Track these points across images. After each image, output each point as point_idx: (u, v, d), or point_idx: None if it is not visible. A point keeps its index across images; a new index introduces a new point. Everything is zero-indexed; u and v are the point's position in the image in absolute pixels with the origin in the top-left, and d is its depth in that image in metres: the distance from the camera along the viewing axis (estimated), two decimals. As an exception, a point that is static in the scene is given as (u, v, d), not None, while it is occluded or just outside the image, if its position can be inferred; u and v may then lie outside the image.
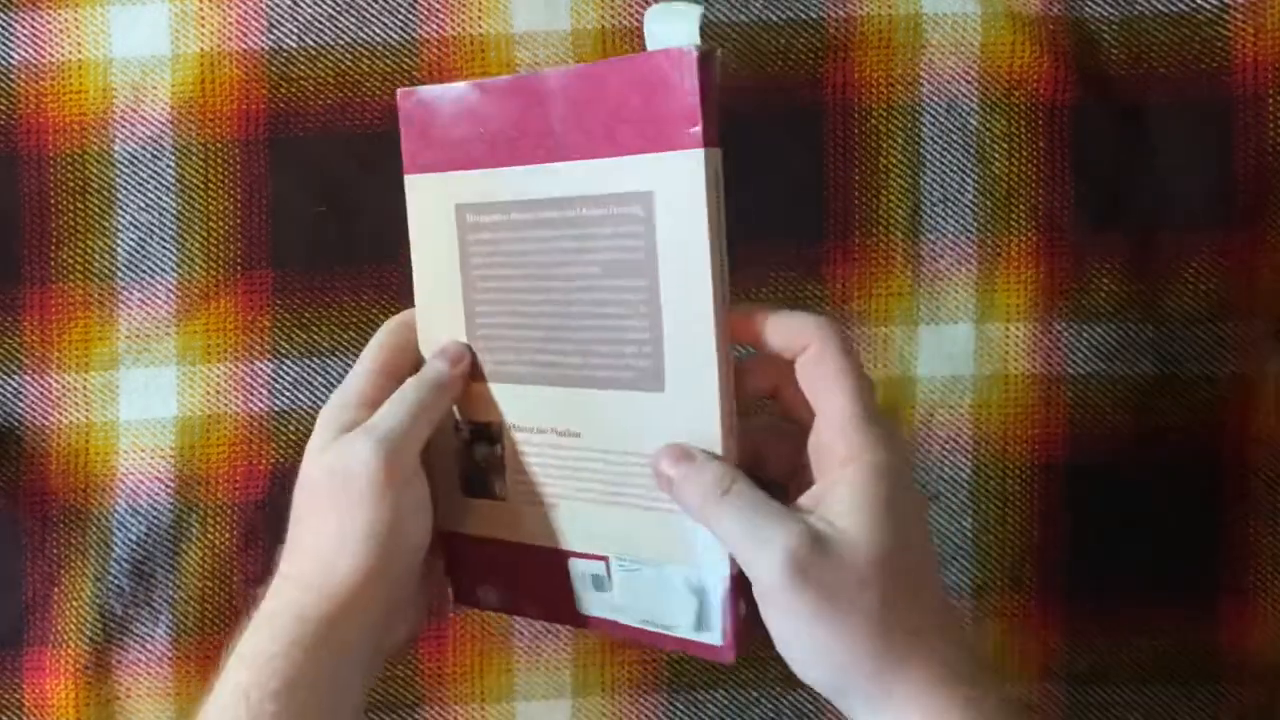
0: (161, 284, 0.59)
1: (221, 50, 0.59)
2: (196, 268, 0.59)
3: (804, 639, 0.38)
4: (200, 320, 0.59)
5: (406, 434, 0.43)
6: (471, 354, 0.46)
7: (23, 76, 0.59)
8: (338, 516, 0.42)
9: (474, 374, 0.46)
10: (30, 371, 0.59)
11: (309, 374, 0.59)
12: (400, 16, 0.59)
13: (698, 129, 0.39)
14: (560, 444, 0.44)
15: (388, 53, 0.59)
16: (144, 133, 0.59)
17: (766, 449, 0.42)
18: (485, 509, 0.47)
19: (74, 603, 0.59)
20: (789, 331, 0.40)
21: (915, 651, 0.38)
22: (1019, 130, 0.58)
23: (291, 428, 0.59)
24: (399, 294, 0.59)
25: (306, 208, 0.59)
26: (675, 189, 0.40)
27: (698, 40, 0.40)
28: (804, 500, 0.39)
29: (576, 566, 0.45)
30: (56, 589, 0.59)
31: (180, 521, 0.59)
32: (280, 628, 0.42)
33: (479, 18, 0.59)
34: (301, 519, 0.44)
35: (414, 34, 0.59)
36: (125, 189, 0.59)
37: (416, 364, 0.47)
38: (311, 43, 0.59)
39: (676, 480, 0.40)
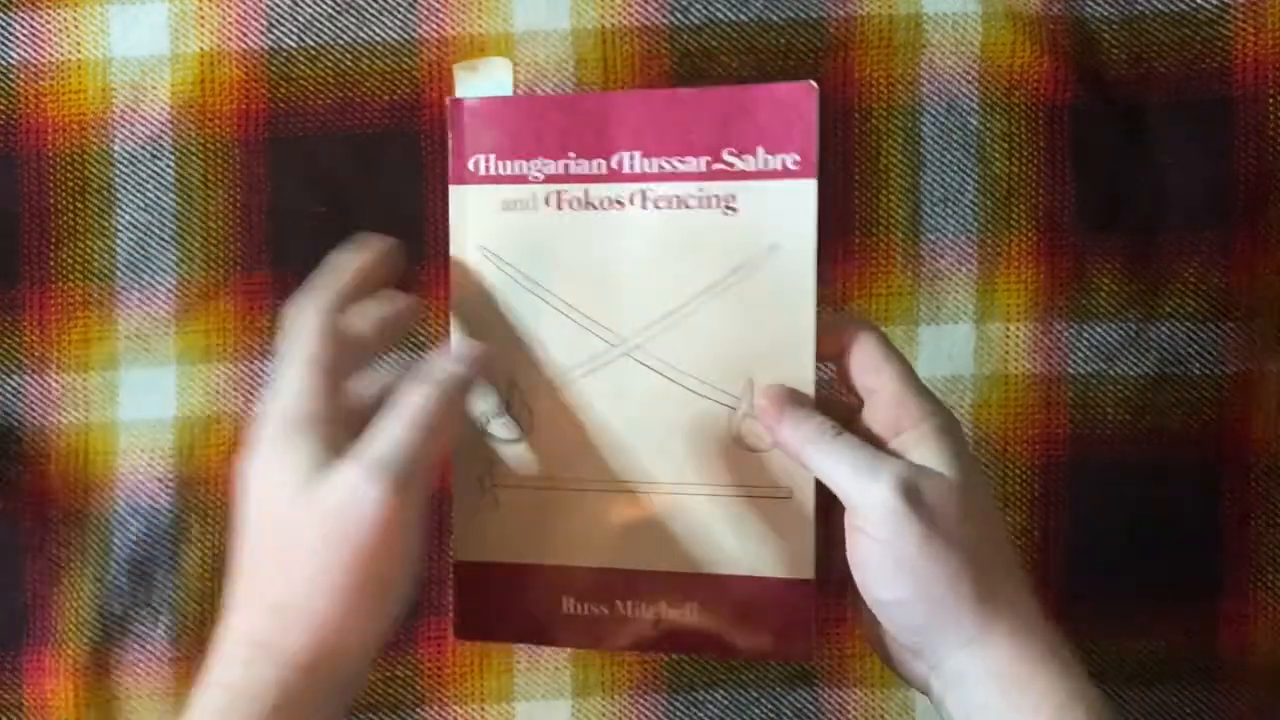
0: (161, 284, 0.59)
1: (221, 50, 0.59)
2: (196, 268, 0.59)
3: (906, 572, 0.38)
4: (200, 320, 0.59)
5: (421, 462, 0.36)
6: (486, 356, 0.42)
7: (22, 76, 0.59)
8: (339, 576, 0.35)
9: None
10: (30, 371, 0.59)
11: (309, 374, 0.59)
12: (400, 16, 0.59)
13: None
14: None
15: (388, 53, 0.59)
16: (143, 132, 0.59)
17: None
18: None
19: (74, 603, 0.59)
20: (834, 328, 0.43)
21: (1005, 593, 0.39)
22: (1019, 130, 0.58)
23: (291, 428, 0.59)
24: (399, 294, 0.59)
25: (306, 208, 0.59)
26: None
27: (510, 91, 0.43)
28: (893, 448, 0.40)
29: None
30: (56, 589, 0.59)
31: (180, 521, 0.59)
32: (259, 710, 0.35)
33: (479, 17, 0.59)
34: (274, 569, 0.36)
35: (414, 34, 0.59)
36: (125, 189, 0.59)
37: (359, 355, 0.41)
38: (311, 42, 0.59)
39: (787, 420, 0.40)
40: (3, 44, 0.59)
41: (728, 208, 0.43)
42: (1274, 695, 0.58)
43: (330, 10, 0.59)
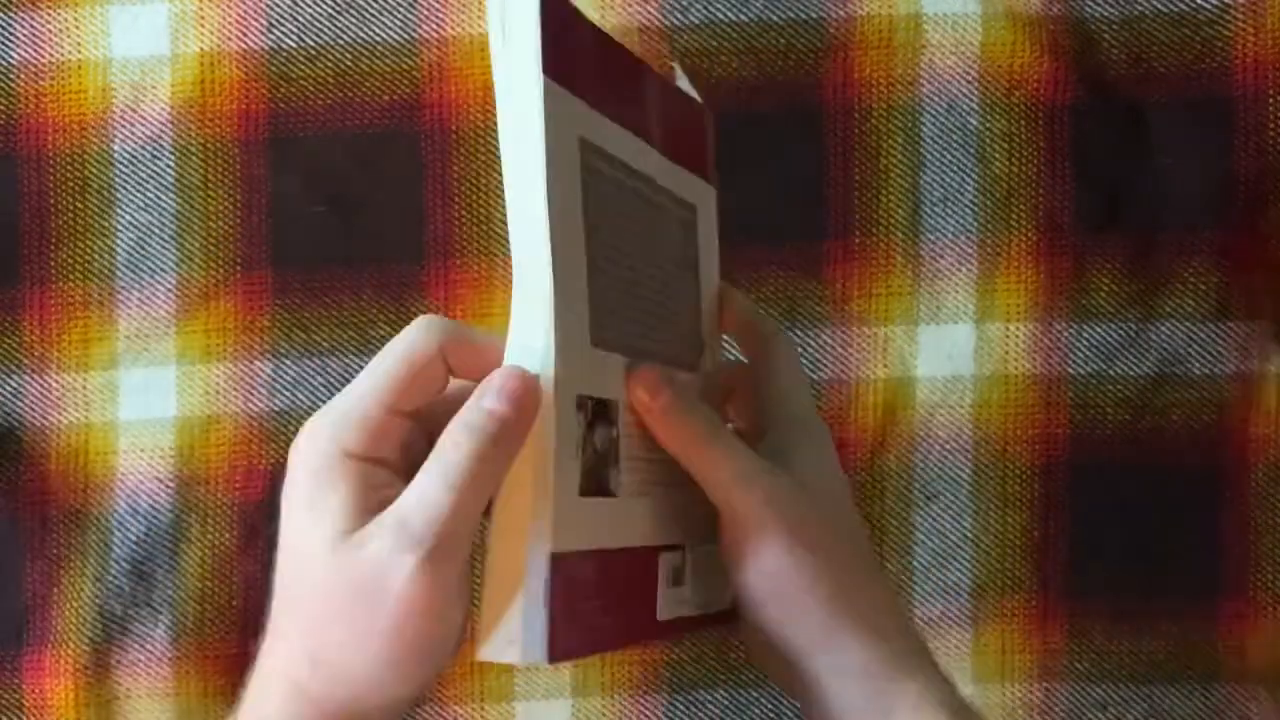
0: (161, 284, 0.59)
1: (221, 50, 0.59)
2: (196, 267, 0.59)
3: (768, 575, 0.38)
4: (200, 320, 0.59)
5: (459, 525, 0.32)
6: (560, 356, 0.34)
7: (22, 76, 0.59)
8: (373, 641, 0.33)
9: (595, 339, 0.36)
10: (30, 371, 0.59)
11: (308, 374, 0.59)
12: (400, 16, 0.59)
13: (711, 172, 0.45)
14: None
15: (388, 52, 0.59)
16: (143, 132, 0.59)
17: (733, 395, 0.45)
18: (595, 511, 0.37)
19: (74, 603, 0.59)
20: (743, 312, 0.45)
21: (862, 596, 0.39)
22: (1019, 130, 0.58)
23: (291, 428, 0.59)
24: (399, 294, 0.59)
25: (306, 208, 0.59)
26: (706, 211, 0.45)
27: None
28: (764, 449, 0.40)
29: (664, 563, 0.40)
30: (56, 589, 0.59)
31: (180, 521, 0.59)
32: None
33: (479, 17, 0.59)
34: (309, 621, 0.34)
35: (414, 34, 0.59)
36: (125, 189, 0.59)
37: (439, 385, 0.36)
38: (311, 42, 0.59)
39: (670, 416, 0.38)
40: (3, 44, 0.59)
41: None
42: (1274, 695, 0.58)
43: (330, 10, 0.59)
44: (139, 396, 0.59)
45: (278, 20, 0.59)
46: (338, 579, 0.33)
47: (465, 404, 0.34)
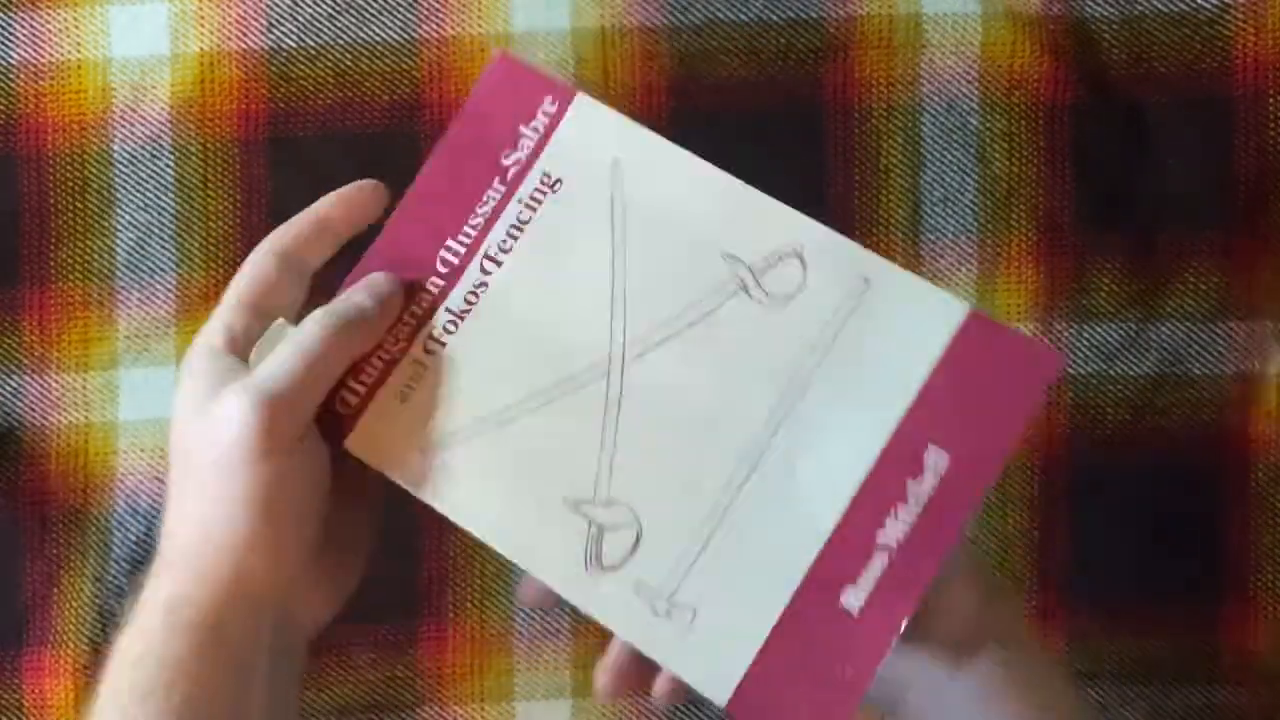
0: (161, 284, 0.59)
1: (221, 50, 0.59)
2: (196, 267, 0.59)
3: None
4: (200, 320, 0.59)
5: (297, 390, 0.37)
6: (408, 295, 0.41)
7: (22, 76, 0.59)
8: (213, 488, 0.37)
9: None
10: (29, 372, 0.59)
11: (309, 374, 0.59)
12: (400, 16, 0.59)
13: None
14: None
15: (388, 52, 0.59)
16: (143, 132, 0.59)
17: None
18: None
19: (73, 603, 0.59)
20: None
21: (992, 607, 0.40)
22: (1019, 130, 0.58)
23: (291, 428, 0.59)
24: (399, 294, 0.59)
25: (306, 208, 0.59)
26: None
27: None
28: None
29: None
30: (56, 589, 0.59)
31: (180, 522, 0.59)
32: (160, 620, 0.37)
33: (479, 17, 0.59)
34: (176, 496, 0.39)
35: (414, 34, 0.59)
36: (124, 189, 0.59)
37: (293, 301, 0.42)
38: (311, 42, 0.59)
39: None
40: (3, 44, 0.59)
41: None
42: (1274, 695, 0.58)
43: (330, 10, 0.59)
44: (139, 396, 0.59)
45: (278, 20, 0.59)
46: (198, 439, 0.37)
47: (336, 296, 0.39)
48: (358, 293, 0.39)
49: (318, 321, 0.38)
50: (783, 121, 0.58)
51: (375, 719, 0.59)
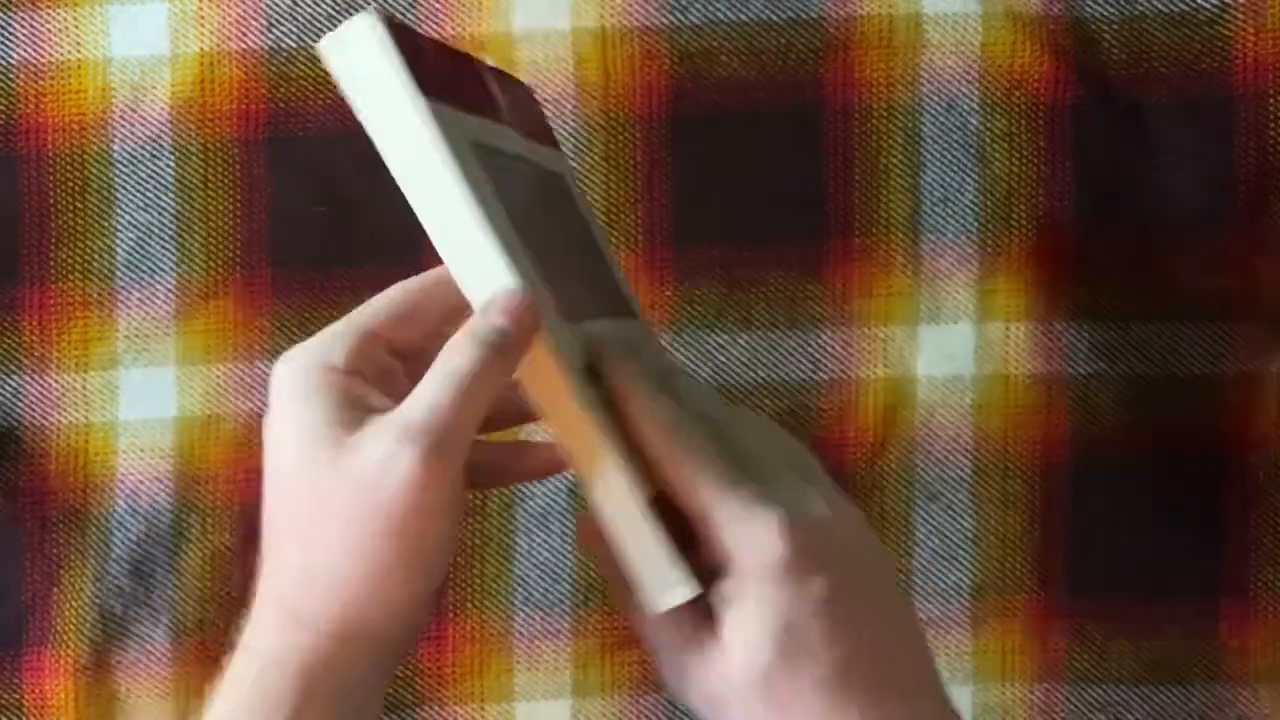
0: (161, 284, 0.59)
1: (221, 50, 0.59)
2: (196, 267, 0.59)
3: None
4: (200, 320, 0.59)
5: (461, 429, 0.32)
6: (535, 303, 0.34)
7: (21, 76, 0.59)
8: (370, 543, 0.33)
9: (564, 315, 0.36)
10: (29, 371, 0.59)
11: (309, 374, 0.59)
12: (400, 16, 0.59)
13: None
14: None
15: (387, 52, 0.59)
16: (143, 132, 0.59)
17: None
18: None
19: (74, 603, 0.59)
20: None
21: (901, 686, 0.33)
22: (1019, 130, 0.58)
23: (291, 428, 0.59)
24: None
25: (306, 208, 0.59)
26: (569, 176, 0.47)
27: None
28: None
29: None
30: (56, 589, 0.59)
31: (180, 521, 0.59)
32: (290, 677, 0.34)
33: (479, 17, 0.58)
34: (303, 535, 0.34)
35: (414, 34, 0.59)
36: (124, 189, 0.59)
37: (429, 339, 0.37)
38: (311, 42, 0.59)
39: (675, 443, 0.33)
40: (3, 44, 0.59)
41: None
42: (1274, 695, 0.58)
43: (330, 10, 0.59)
44: (139, 396, 0.59)
45: (277, 20, 0.59)
46: (334, 482, 0.32)
47: (468, 322, 0.34)
48: (494, 314, 0.34)
49: (463, 350, 0.33)
50: (783, 121, 0.58)
51: (375, 719, 0.59)
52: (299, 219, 0.59)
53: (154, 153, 0.59)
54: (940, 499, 0.59)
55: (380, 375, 0.36)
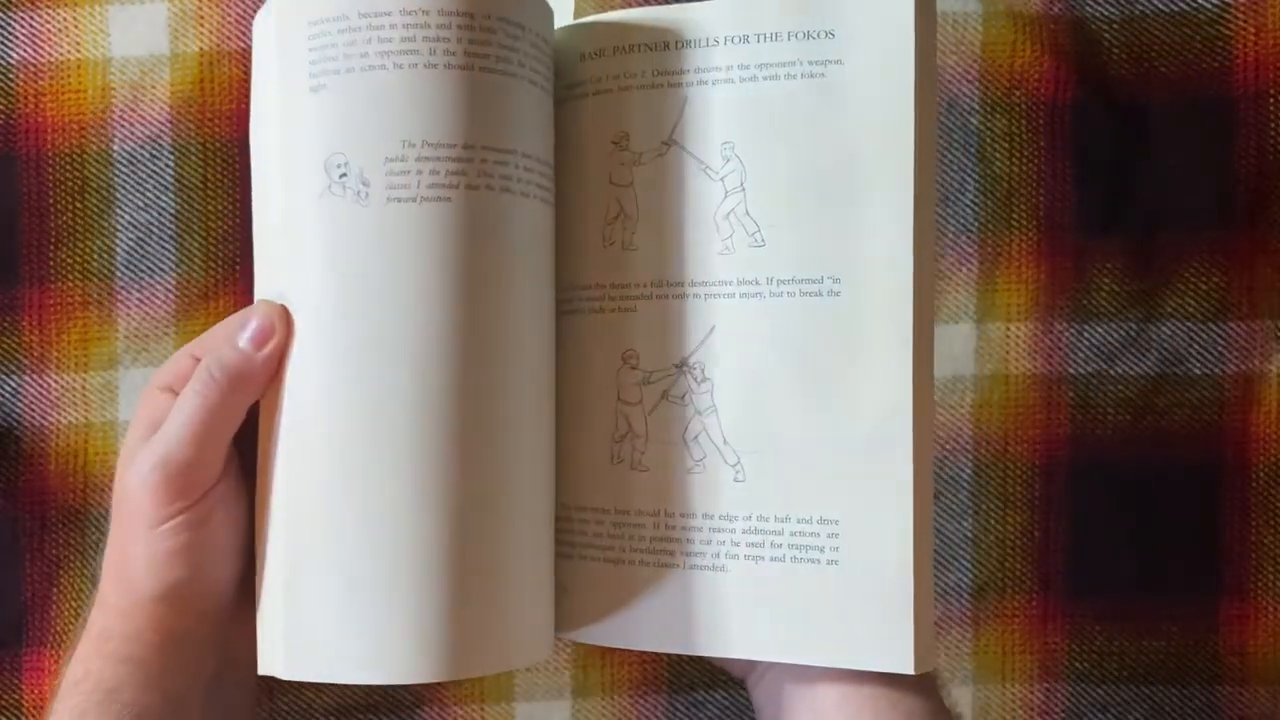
0: (160, 284, 0.59)
1: (220, 49, 0.59)
2: (196, 267, 0.59)
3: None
4: (200, 320, 0.59)
5: (191, 451, 0.39)
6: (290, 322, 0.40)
7: (21, 76, 0.59)
8: (128, 537, 0.39)
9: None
10: (29, 371, 0.59)
11: (308, 374, 0.59)
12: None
13: None
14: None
15: (387, 52, 0.59)
16: (143, 132, 0.59)
17: None
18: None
19: (73, 603, 0.59)
20: None
21: None
22: (1020, 129, 0.58)
23: (291, 428, 0.59)
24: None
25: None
26: None
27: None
28: None
29: None
30: (55, 589, 0.59)
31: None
32: (93, 649, 0.40)
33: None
34: (111, 532, 0.41)
35: (413, 33, 0.59)
36: (124, 188, 0.59)
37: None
38: (311, 42, 0.59)
39: None
40: (3, 44, 0.59)
41: None
42: (1274, 695, 0.58)
43: (330, 10, 0.59)
44: (139, 396, 0.59)
45: (277, 20, 0.59)
46: (121, 490, 0.40)
47: (209, 353, 0.40)
48: (242, 336, 0.39)
49: (196, 389, 0.39)
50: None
51: (375, 719, 0.59)
52: (299, 219, 0.59)
53: (153, 153, 0.59)
54: (940, 499, 0.59)
55: None
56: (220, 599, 0.40)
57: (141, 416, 0.40)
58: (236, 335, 0.39)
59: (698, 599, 0.41)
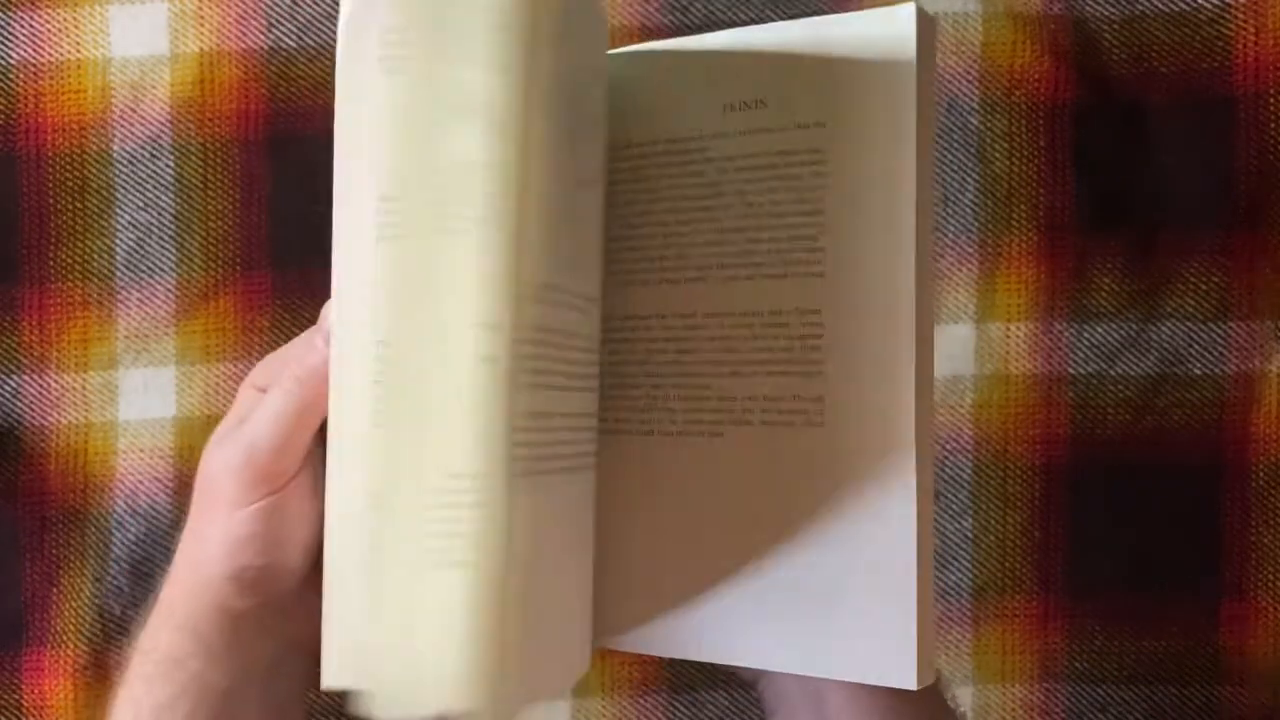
0: (160, 284, 0.59)
1: (220, 50, 0.59)
2: (195, 267, 0.59)
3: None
4: (199, 320, 0.59)
5: (277, 442, 0.40)
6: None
7: (21, 76, 0.59)
8: (205, 524, 0.41)
9: None
10: (29, 371, 0.59)
11: (308, 374, 0.59)
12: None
13: None
14: None
15: (387, 52, 0.59)
16: (143, 132, 0.59)
17: None
18: None
19: (73, 603, 0.59)
20: None
21: None
22: (1020, 129, 0.58)
23: (291, 428, 0.59)
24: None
25: (305, 208, 0.59)
26: None
27: None
28: None
29: None
30: (55, 589, 0.59)
31: (180, 522, 0.59)
32: (158, 623, 0.42)
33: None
34: (190, 518, 0.43)
35: (413, 33, 0.59)
36: (124, 189, 0.59)
37: None
38: (311, 42, 0.59)
39: None
40: (3, 44, 0.59)
41: None
42: (1274, 695, 0.58)
43: (330, 10, 0.59)
44: (138, 396, 0.59)
45: (277, 20, 0.59)
46: (201, 478, 0.41)
47: (295, 349, 0.41)
48: (320, 339, 0.41)
49: (283, 385, 0.40)
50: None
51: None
52: (298, 219, 0.59)
53: (153, 152, 0.59)
54: (940, 499, 0.59)
55: None
56: (285, 586, 0.42)
57: (233, 410, 0.43)
58: (316, 337, 0.41)
59: (713, 609, 0.42)
